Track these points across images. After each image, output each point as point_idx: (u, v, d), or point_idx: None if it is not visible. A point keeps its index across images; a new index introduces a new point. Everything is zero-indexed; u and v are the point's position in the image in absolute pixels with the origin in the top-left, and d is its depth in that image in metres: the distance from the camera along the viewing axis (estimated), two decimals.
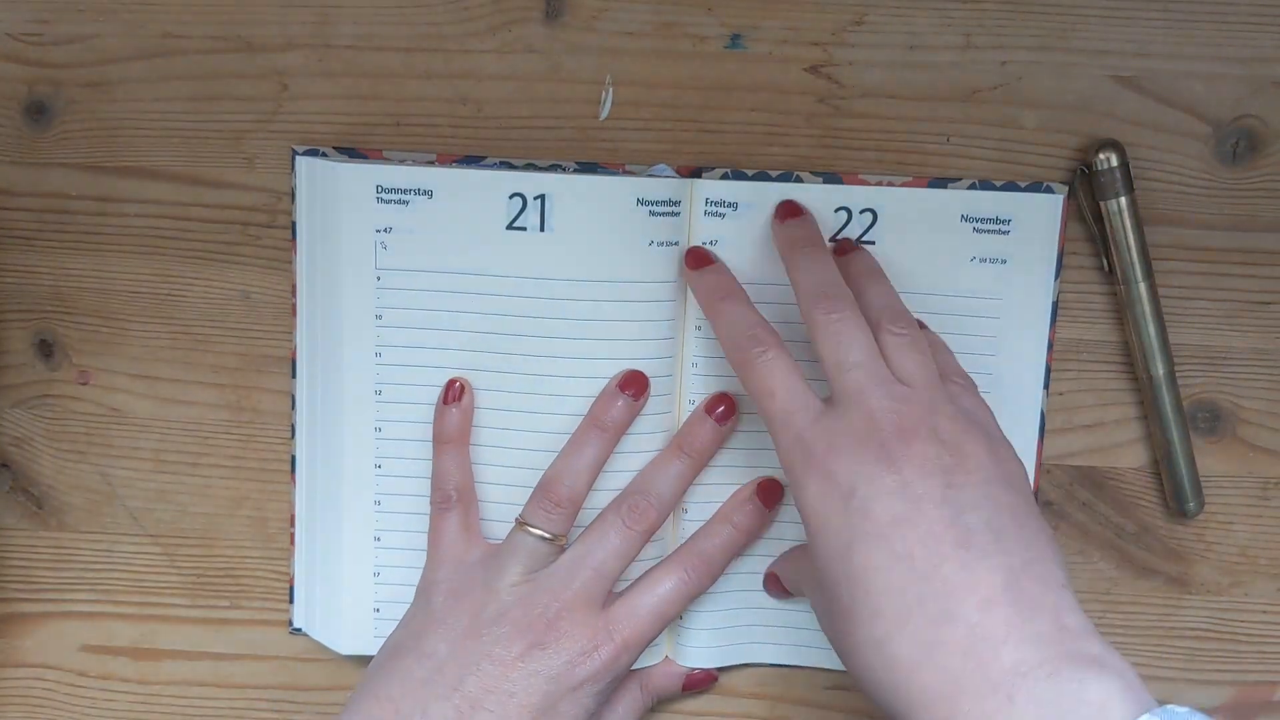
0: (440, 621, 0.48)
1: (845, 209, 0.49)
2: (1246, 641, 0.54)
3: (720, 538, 0.51)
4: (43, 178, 0.53)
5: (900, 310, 0.47)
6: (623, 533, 0.49)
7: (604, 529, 0.49)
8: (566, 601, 0.47)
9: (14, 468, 0.55)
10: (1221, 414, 0.53)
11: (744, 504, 0.51)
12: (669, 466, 0.50)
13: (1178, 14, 0.50)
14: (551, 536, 0.49)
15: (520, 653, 0.46)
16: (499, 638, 0.47)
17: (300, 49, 0.51)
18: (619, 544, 0.49)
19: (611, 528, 0.49)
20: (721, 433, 0.51)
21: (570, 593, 0.48)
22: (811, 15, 0.51)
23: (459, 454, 0.50)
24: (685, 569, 0.50)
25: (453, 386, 0.50)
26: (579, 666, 0.47)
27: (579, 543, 0.49)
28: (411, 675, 0.47)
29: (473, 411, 0.50)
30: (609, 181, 0.49)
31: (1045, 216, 0.50)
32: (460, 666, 0.46)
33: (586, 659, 0.47)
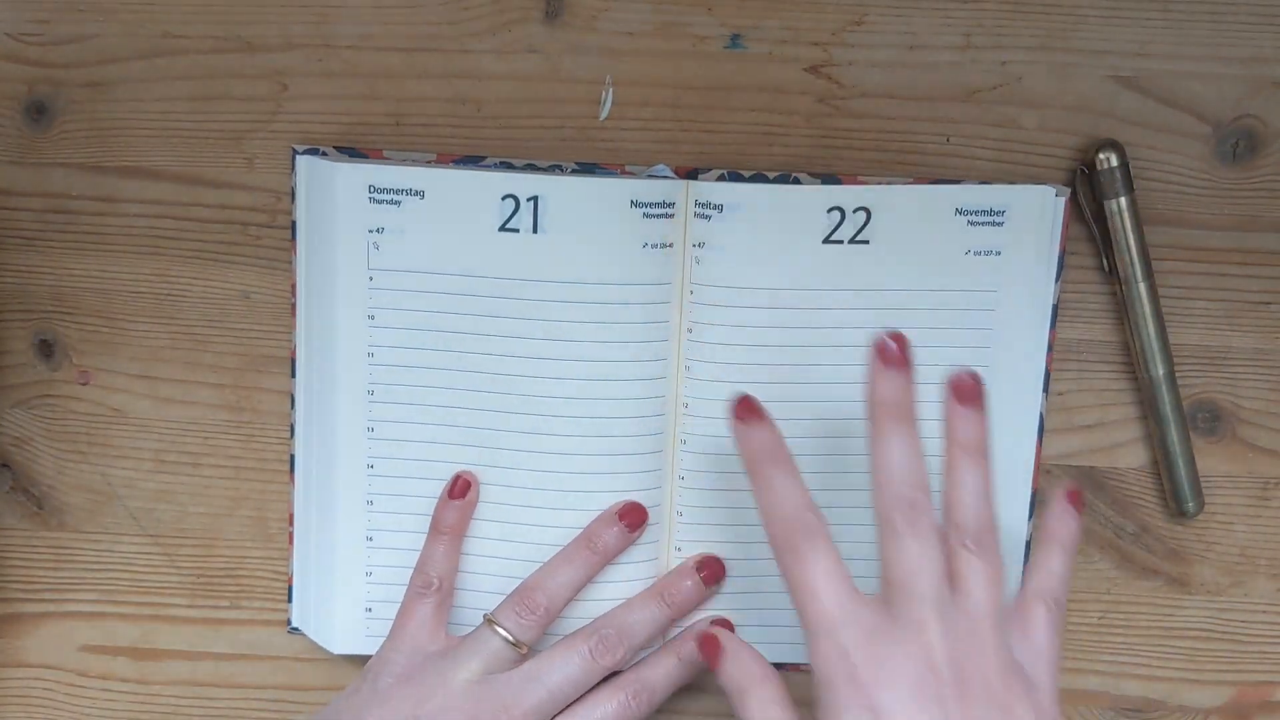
0: (383, 703, 0.48)
1: (839, 209, 0.49)
2: (1246, 641, 0.54)
3: (665, 668, 0.51)
4: (43, 178, 0.53)
5: (985, 524, 0.43)
6: (586, 664, 0.49)
7: (568, 654, 0.49)
8: (514, 716, 0.48)
9: (14, 468, 0.55)
10: (1221, 414, 0.53)
11: (688, 642, 0.51)
12: (646, 610, 0.51)
13: (1178, 14, 0.50)
14: (517, 643, 0.49)
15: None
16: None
17: (300, 49, 0.51)
18: (578, 674, 0.49)
19: (577, 655, 0.49)
20: (705, 593, 0.52)
21: (520, 709, 0.48)
22: (811, 15, 0.51)
23: (452, 545, 0.51)
24: (628, 694, 0.50)
25: (458, 481, 0.51)
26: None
27: (542, 658, 0.49)
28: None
29: (475, 506, 0.51)
30: (603, 183, 0.49)
31: (1038, 207, 0.50)
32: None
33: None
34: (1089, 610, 0.54)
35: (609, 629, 0.50)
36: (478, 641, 0.49)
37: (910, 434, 0.43)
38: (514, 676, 0.49)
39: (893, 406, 0.43)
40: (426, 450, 0.51)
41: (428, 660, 0.49)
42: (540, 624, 0.49)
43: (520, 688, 0.48)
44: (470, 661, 0.49)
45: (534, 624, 0.49)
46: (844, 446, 0.52)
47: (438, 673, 0.48)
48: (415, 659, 0.49)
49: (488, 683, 0.48)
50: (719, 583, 0.52)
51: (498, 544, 0.52)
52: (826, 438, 0.52)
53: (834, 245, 0.49)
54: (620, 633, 0.50)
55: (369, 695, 0.49)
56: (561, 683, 0.49)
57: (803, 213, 0.49)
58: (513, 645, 0.49)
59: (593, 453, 0.51)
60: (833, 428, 0.51)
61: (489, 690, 0.48)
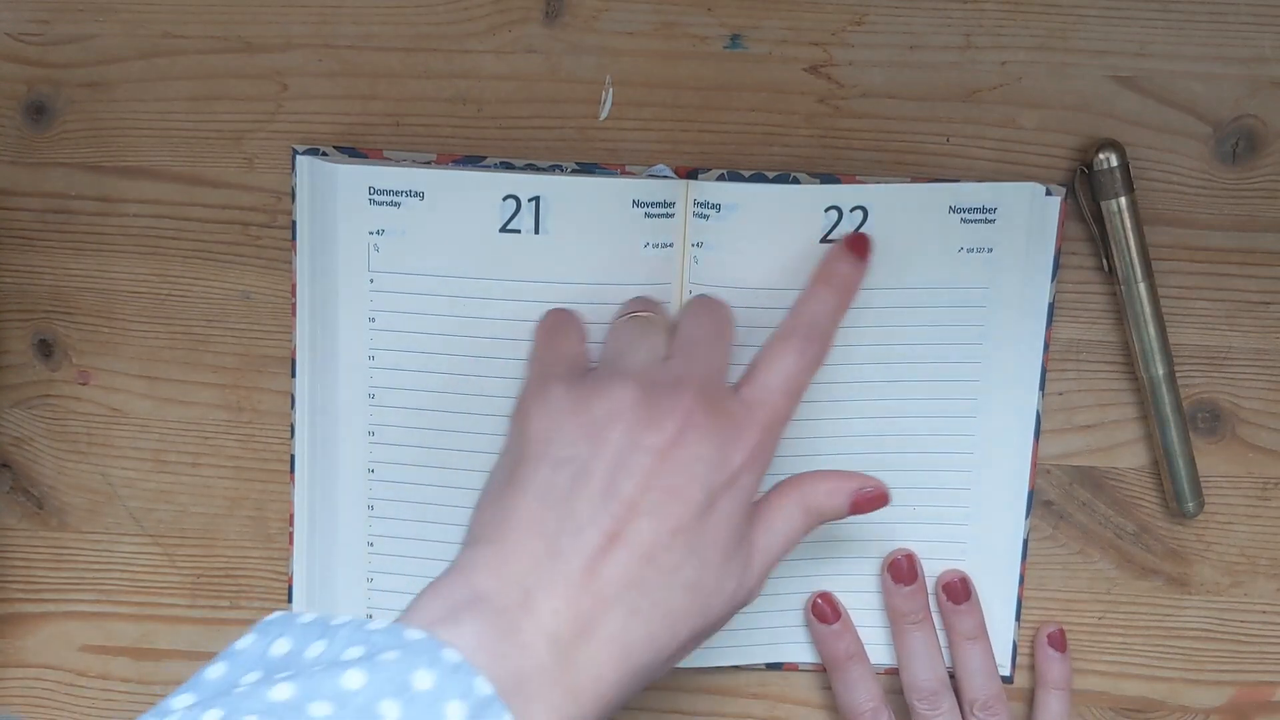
0: (564, 420, 0.42)
1: (836, 208, 0.49)
2: (1246, 641, 0.54)
3: (825, 302, 0.47)
4: (43, 178, 0.53)
5: (993, 694, 0.51)
6: (799, 359, 0.45)
7: (783, 357, 0.45)
8: (700, 382, 0.42)
9: (14, 468, 0.55)
10: (1221, 414, 0.53)
11: (838, 261, 0.48)
12: (819, 300, 0.47)
13: (1177, 14, 0.50)
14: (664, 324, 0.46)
15: (673, 436, 0.40)
16: (649, 419, 0.41)
17: (300, 49, 0.51)
18: (795, 369, 0.44)
19: (790, 353, 0.45)
20: (862, 267, 0.48)
21: (699, 375, 0.43)
22: (811, 15, 0.51)
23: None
24: (801, 339, 0.45)
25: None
26: (731, 451, 0.41)
27: (757, 368, 0.45)
28: (549, 484, 0.40)
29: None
30: (605, 183, 0.49)
31: (1028, 204, 0.50)
32: (608, 464, 0.40)
33: (736, 442, 0.42)
34: (1089, 610, 0.54)
35: (799, 323, 0.46)
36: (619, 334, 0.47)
37: (926, 633, 0.52)
38: (674, 356, 0.45)
39: (910, 614, 0.52)
40: (427, 455, 0.51)
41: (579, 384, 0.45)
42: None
43: (688, 358, 0.45)
44: (629, 354, 0.46)
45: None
46: (843, 447, 0.52)
47: (604, 374, 0.44)
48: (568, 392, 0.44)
49: (657, 366, 0.45)
50: (870, 252, 0.48)
51: None
52: (825, 438, 0.52)
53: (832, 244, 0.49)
54: (811, 324, 0.46)
55: (545, 425, 0.43)
56: (782, 383, 0.44)
57: (800, 212, 0.49)
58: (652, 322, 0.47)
59: None
60: (832, 427, 0.51)
61: (663, 369, 0.44)
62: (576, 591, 0.38)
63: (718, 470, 0.41)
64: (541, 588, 0.38)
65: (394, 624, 0.36)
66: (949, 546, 0.53)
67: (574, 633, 0.38)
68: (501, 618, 0.37)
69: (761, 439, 0.43)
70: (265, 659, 0.35)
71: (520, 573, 0.38)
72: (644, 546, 0.39)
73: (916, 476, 0.52)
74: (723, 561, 0.41)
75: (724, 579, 0.42)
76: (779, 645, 0.54)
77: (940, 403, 0.52)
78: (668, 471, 0.40)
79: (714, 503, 0.41)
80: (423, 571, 0.52)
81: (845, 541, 0.53)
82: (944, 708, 0.51)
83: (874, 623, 0.53)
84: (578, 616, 0.38)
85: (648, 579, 0.39)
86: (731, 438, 0.42)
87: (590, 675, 0.38)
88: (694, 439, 0.41)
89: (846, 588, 0.53)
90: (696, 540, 0.40)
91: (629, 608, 0.39)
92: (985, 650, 0.52)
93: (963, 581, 0.52)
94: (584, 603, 0.38)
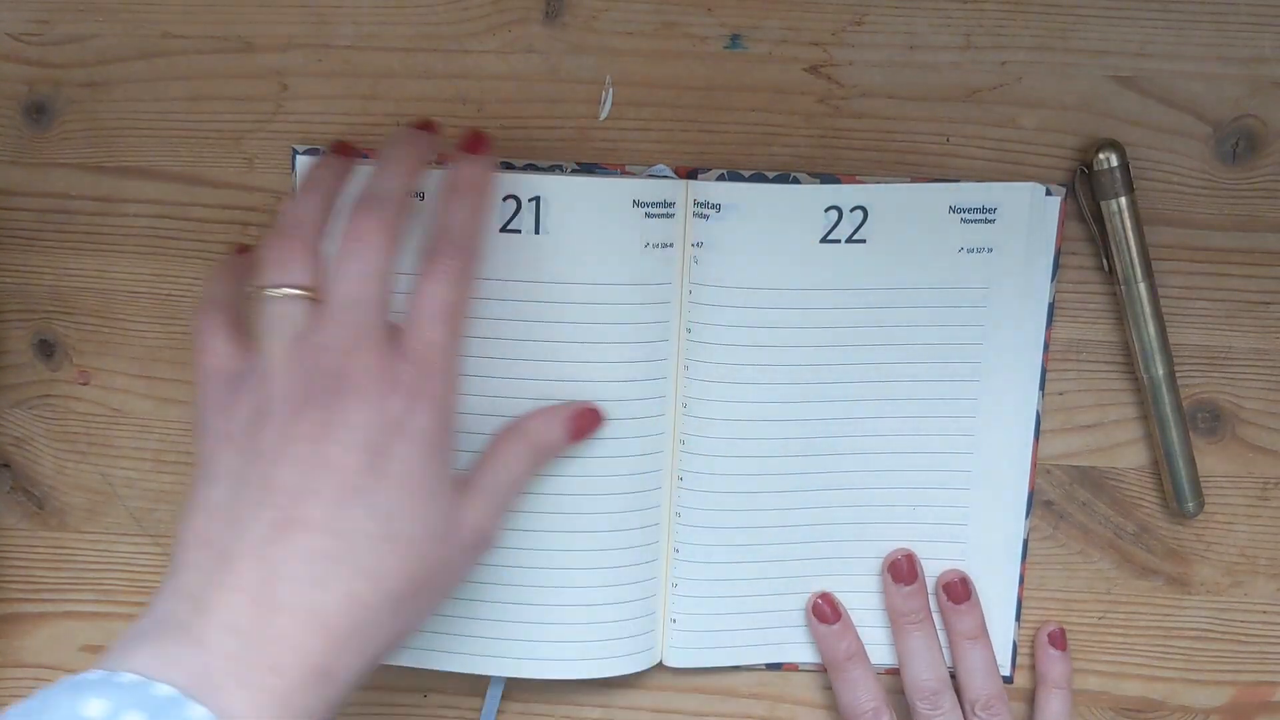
0: (218, 440, 0.42)
1: (836, 208, 0.49)
2: (1246, 641, 0.54)
3: (459, 213, 0.45)
4: (43, 178, 0.53)
5: (994, 693, 0.52)
6: (365, 245, 0.43)
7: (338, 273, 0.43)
8: (344, 348, 0.42)
9: (14, 468, 0.55)
10: (1221, 414, 0.53)
11: (462, 166, 0.46)
12: (454, 211, 0.45)
13: (1178, 14, 0.50)
14: (300, 287, 0.42)
15: (322, 415, 0.41)
16: (290, 413, 0.41)
17: (300, 49, 0.51)
18: (372, 257, 0.43)
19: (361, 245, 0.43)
20: (486, 164, 0.46)
21: (344, 340, 0.42)
22: (811, 15, 0.51)
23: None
24: (444, 260, 0.44)
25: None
26: (389, 402, 0.41)
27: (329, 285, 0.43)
28: (210, 502, 0.41)
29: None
30: (605, 183, 0.49)
31: (1027, 204, 0.50)
32: (264, 464, 0.40)
33: (393, 392, 0.41)
34: (1089, 610, 0.54)
35: (439, 244, 0.44)
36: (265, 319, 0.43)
37: (926, 633, 0.52)
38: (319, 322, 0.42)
39: (910, 614, 0.52)
40: None
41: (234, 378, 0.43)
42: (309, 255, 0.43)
43: (334, 324, 0.42)
44: (271, 339, 0.42)
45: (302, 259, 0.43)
46: (842, 447, 0.52)
47: (251, 372, 0.43)
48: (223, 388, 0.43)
49: (300, 341, 0.42)
50: (488, 145, 0.47)
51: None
52: (823, 438, 0.52)
53: (831, 244, 0.49)
54: (450, 241, 0.44)
55: (207, 445, 0.42)
56: (434, 312, 0.43)
57: (800, 212, 0.49)
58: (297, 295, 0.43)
59: (592, 453, 0.50)
60: (831, 428, 0.51)
61: (306, 346, 0.42)
62: (249, 582, 0.38)
63: (377, 425, 0.41)
64: (212, 590, 0.38)
65: (81, 675, 0.37)
66: (949, 546, 0.53)
67: (254, 617, 0.38)
68: (175, 630, 0.38)
69: (421, 377, 0.42)
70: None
71: (191, 584, 0.39)
72: (316, 522, 0.39)
73: (916, 476, 0.52)
74: (423, 505, 0.42)
75: (431, 521, 0.42)
76: (779, 645, 0.54)
77: (940, 403, 0.52)
78: (325, 448, 0.40)
79: (385, 455, 0.41)
80: None
81: (845, 542, 0.53)
82: (945, 707, 0.52)
83: (874, 623, 0.53)
84: (255, 602, 0.38)
85: (330, 548, 0.39)
86: (388, 389, 0.41)
87: (289, 648, 0.38)
88: (346, 407, 0.41)
89: (847, 588, 0.53)
90: (377, 496, 0.40)
91: (314, 579, 0.39)
92: (985, 650, 0.52)
93: (963, 581, 0.52)
94: (259, 590, 0.38)
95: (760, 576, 0.53)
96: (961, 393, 0.51)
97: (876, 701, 0.52)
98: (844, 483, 0.52)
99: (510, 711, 0.55)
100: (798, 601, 0.53)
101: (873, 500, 0.52)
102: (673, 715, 0.55)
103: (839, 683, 0.53)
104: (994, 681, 0.52)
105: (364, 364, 0.41)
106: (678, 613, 0.53)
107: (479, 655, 0.52)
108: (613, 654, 0.52)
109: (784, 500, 0.52)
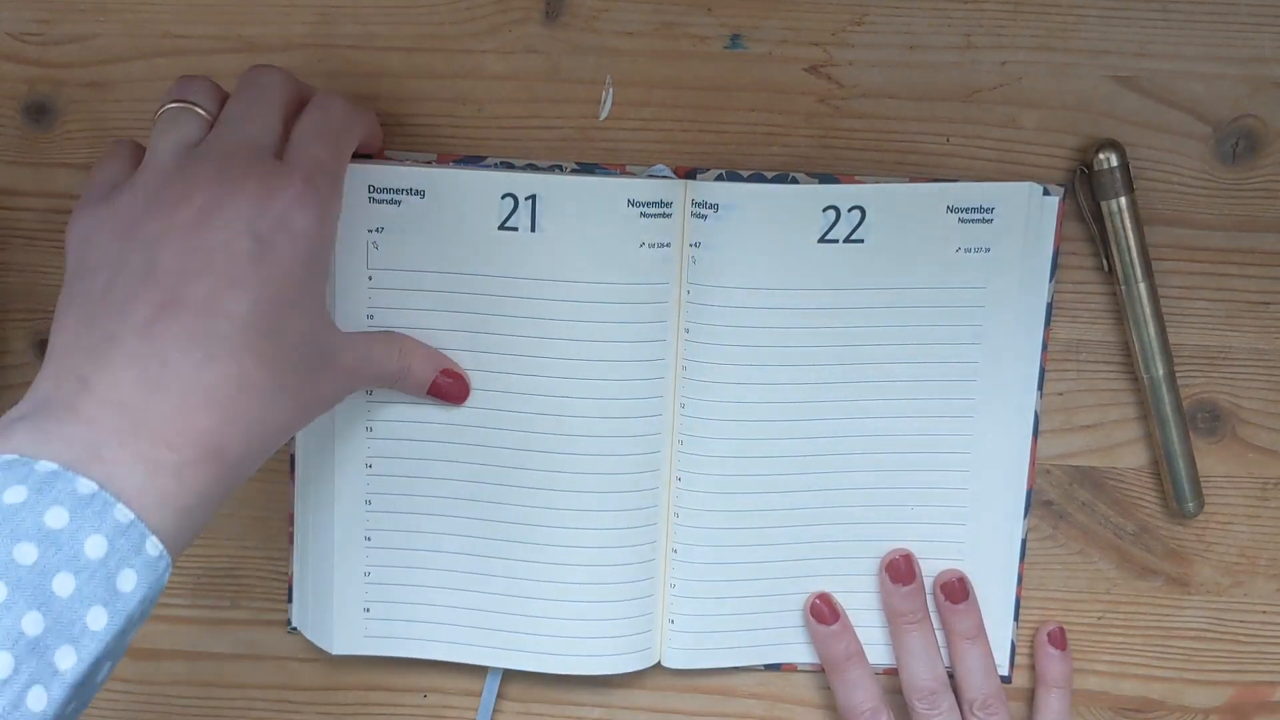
0: (96, 229, 0.41)
1: (834, 208, 0.49)
2: (1246, 641, 0.54)
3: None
4: (44, 178, 0.53)
5: (992, 693, 0.52)
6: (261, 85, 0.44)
7: (231, 100, 0.44)
8: (228, 151, 0.42)
9: None
10: (1221, 414, 0.53)
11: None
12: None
13: (1178, 14, 0.50)
14: (195, 103, 0.44)
15: (203, 203, 0.40)
16: (174, 200, 0.40)
17: (300, 49, 0.52)
18: (266, 95, 0.44)
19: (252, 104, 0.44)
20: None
21: (229, 146, 0.42)
22: (811, 15, 0.51)
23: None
24: (325, 95, 0.45)
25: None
26: (272, 200, 0.41)
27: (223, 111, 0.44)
28: (86, 292, 0.40)
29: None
30: (599, 182, 0.49)
31: (1025, 203, 0.50)
32: (144, 252, 0.40)
33: (276, 191, 0.41)
34: (1089, 610, 0.54)
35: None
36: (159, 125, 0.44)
37: (924, 633, 0.52)
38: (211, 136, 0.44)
39: (908, 614, 0.52)
40: (424, 449, 0.51)
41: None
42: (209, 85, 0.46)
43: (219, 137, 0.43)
44: (162, 143, 0.43)
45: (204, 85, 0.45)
46: (840, 447, 0.52)
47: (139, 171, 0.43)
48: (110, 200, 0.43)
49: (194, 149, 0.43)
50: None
51: (489, 543, 0.52)
52: (821, 438, 0.52)
53: (829, 244, 0.49)
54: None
55: (75, 251, 0.42)
56: (314, 133, 0.44)
57: (798, 212, 0.49)
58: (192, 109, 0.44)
59: (590, 452, 0.51)
60: (829, 428, 0.51)
61: (197, 150, 0.43)
62: (135, 359, 0.38)
63: (261, 216, 0.40)
64: (98, 369, 0.38)
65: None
66: (947, 546, 0.53)
67: (142, 392, 0.37)
68: (59, 409, 0.37)
69: (305, 183, 0.41)
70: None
71: (74, 366, 0.38)
72: (199, 300, 0.39)
73: (914, 476, 0.52)
74: (305, 306, 0.42)
75: (312, 328, 0.42)
76: (778, 646, 0.54)
77: (938, 403, 0.52)
78: (208, 234, 0.40)
79: (269, 246, 0.40)
80: (420, 563, 0.52)
81: (844, 542, 0.53)
82: (943, 707, 0.52)
83: (873, 623, 0.53)
84: (141, 376, 0.38)
85: (218, 328, 0.39)
86: (271, 188, 0.41)
87: (180, 424, 0.38)
88: (227, 199, 0.40)
89: (845, 588, 0.53)
90: (263, 284, 0.40)
91: (202, 354, 0.38)
92: (984, 650, 0.52)
93: (961, 581, 0.52)
94: (146, 364, 0.38)
95: (758, 577, 0.53)
96: (959, 393, 0.51)
97: (875, 702, 0.52)
98: (842, 483, 0.52)
99: (509, 711, 0.55)
100: (796, 602, 0.53)
101: (871, 500, 0.52)
102: (672, 715, 0.55)
103: (837, 683, 0.53)
104: (992, 681, 0.52)
105: (245, 167, 0.41)
106: (676, 613, 0.53)
107: (476, 646, 0.53)
108: (610, 652, 0.52)
109: (782, 500, 0.52)
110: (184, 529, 0.37)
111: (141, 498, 0.36)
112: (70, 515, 0.34)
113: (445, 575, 0.52)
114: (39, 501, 0.34)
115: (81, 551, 0.34)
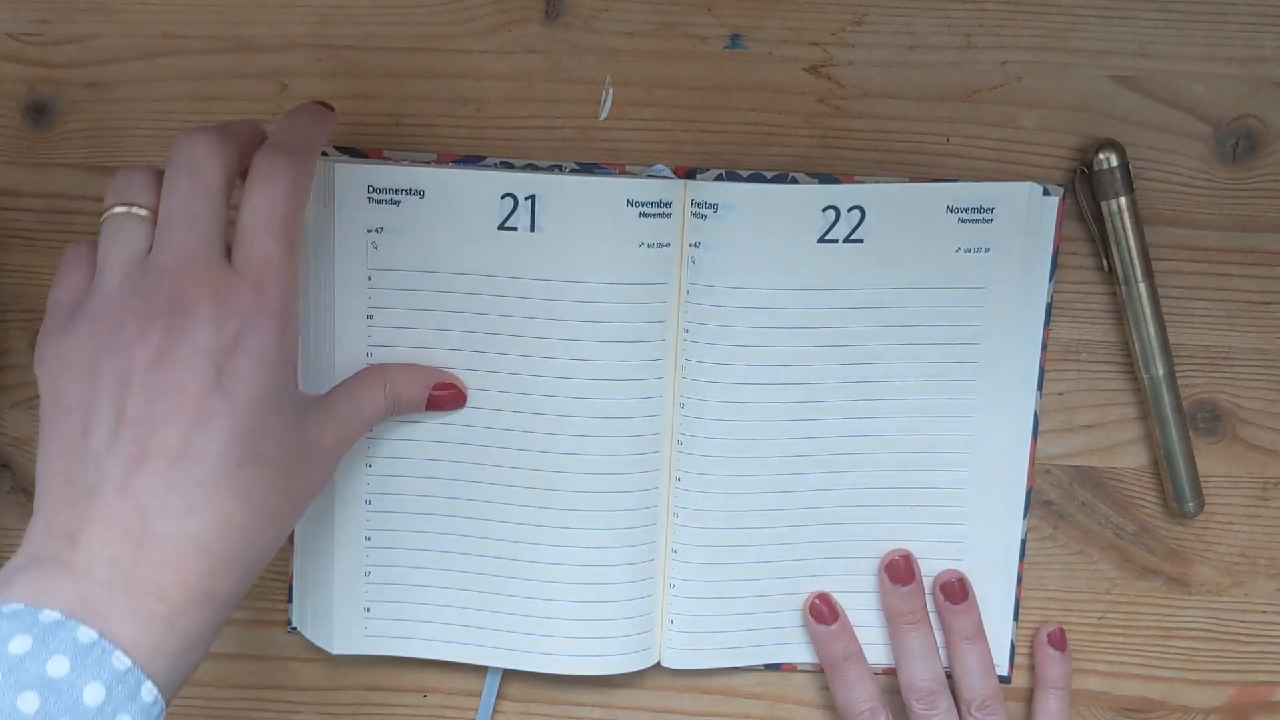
0: (61, 369, 0.41)
1: (834, 208, 0.49)
2: (1246, 641, 0.54)
3: (304, 122, 0.45)
4: (43, 178, 0.53)
5: (990, 693, 0.52)
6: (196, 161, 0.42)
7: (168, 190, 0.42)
8: (178, 267, 0.41)
9: (14, 468, 0.55)
10: (1221, 414, 0.53)
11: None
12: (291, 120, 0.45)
13: (1178, 14, 0.50)
14: (135, 204, 0.42)
15: (161, 340, 0.40)
16: (132, 336, 0.40)
17: (300, 49, 0.52)
18: (202, 171, 0.42)
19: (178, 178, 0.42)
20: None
21: (177, 258, 0.41)
22: (811, 15, 0.51)
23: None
24: (278, 165, 0.42)
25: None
26: (226, 320, 0.40)
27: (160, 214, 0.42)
28: (64, 436, 0.40)
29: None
30: (598, 182, 0.49)
31: (1025, 203, 0.50)
32: (110, 395, 0.40)
33: (227, 308, 0.40)
34: (1089, 610, 0.54)
35: (261, 155, 0.43)
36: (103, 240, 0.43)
37: (923, 634, 0.52)
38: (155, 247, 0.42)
39: (907, 614, 0.52)
40: (424, 449, 0.51)
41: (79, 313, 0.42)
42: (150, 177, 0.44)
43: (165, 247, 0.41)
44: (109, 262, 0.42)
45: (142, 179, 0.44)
46: (840, 447, 0.52)
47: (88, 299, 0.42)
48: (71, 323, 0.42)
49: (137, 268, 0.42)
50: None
51: (489, 543, 0.52)
52: (821, 438, 0.52)
53: (829, 244, 0.49)
54: (272, 147, 0.43)
55: (47, 383, 0.42)
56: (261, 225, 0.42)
57: (797, 212, 0.49)
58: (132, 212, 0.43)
59: (589, 452, 0.51)
60: (828, 428, 0.51)
61: (142, 271, 0.42)
62: (116, 514, 0.39)
63: (218, 346, 0.40)
64: (83, 525, 0.39)
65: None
66: (947, 546, 0.53)
67: (130, 547, 0.38)
68: (52, 565, 0.38)
69: (257, 293, 0.41)
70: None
71: (61, 522, 0.39)
72: (171, 449, 0.39)
73: (914, 476, 0.52)
74: (278, 422, 0.41)
75: (287, 438, 0.42)
76: (777, 645, 0.54)
77: (937, 403, 0.52)
78: (169, 374, 0.40)
79: (230, 375, 0.40)
80: (420, 563, 0.52)
81: (843, 542, 0.53)
82: (941, 707, 0.52)
83: (872, 623, 0.53)
84: (127, 533, 0.38)
85: (190, 475, 0.39)
86: (222, 306, 0.40)
87: (170, 575, 0.39)
88: (183, 330, 0.40)
89: (844, 588, 0.53)
90: (230, 415, 0.40)
91: (182, 504, 0.39)
92: (983, 650, 0.52)
93: (960, 581, 0.52)
94: (129, 520, 0.38)
95: (758, 577, 0.53)
96: (959, 393, 0.51)
97: (873, 702, 0.52)
98: (842, 483, 0.52)
99: (509, 711, 0.55)
100: (795, 602, 0.53)
101: (870, 500, 0.52)
102: (672, 715, 0.55)
103: (836, 683, 0.53)
104: (991, 682, 0.52)
105: (197, 284, 0.40)
106: (676, 613, 0.53)
107: (477, 646, 0.53)
108: (610, 652, 0.52)
109: (782, 500, 0.52)
110: (178, 670, 0.39)
111: (136, 649, 0.37)
112: (71, 664, 0.36)
113: (445, 575, 0.52)
114: (42, 650, 0.36)
115: (80, 700, 0.36)
